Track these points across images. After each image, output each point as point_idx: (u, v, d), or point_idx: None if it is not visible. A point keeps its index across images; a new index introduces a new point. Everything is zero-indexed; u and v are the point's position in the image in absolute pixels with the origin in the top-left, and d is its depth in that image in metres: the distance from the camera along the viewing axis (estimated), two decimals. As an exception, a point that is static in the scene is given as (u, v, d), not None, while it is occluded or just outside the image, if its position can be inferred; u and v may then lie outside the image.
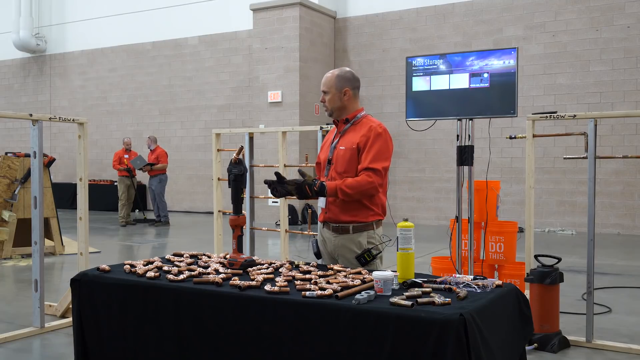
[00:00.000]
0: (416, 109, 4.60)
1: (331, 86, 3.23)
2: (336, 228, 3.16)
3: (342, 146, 3.16)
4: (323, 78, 3.28)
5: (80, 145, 4.78)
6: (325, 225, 3.23)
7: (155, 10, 15.38)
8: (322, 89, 3.26)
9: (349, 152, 3.12)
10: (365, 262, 3.06)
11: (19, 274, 6.99)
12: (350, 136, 3.18)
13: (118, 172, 12.17)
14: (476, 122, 4.61)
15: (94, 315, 2.80)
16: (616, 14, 10.77)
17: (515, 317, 2.55)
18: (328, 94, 3.24)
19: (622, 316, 5.06)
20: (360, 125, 3.20)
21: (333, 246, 3.19)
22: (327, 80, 3.25)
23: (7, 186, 7.94)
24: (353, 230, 3.12)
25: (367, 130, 3.13)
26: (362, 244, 3.11)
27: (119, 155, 12.22)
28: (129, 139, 12.74)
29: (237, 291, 2.49)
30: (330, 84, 3.23)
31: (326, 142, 3.34)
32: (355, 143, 3.12)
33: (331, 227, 3.18)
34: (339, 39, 13.46)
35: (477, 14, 11.94)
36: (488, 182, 5.07)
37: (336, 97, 3.22)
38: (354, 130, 3.20)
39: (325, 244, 3.25)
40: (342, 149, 3.15)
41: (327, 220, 3.21)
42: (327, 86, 3.24)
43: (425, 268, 5.64)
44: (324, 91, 3.25)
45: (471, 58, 4.42)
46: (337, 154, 3.17)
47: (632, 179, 10.65)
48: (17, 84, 18.04)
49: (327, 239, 3.23)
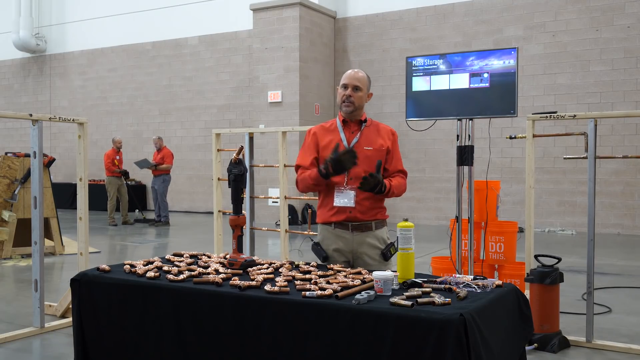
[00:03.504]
0: (416, 109, 4.60)
1: (364, 85, 3.23)
2: (358, 226, 3.17)
3: (369, 147, 3.18)
4: (351, 74, 3.21)
5: (80, 145, 4.78)
6: (340, 226, 3.18)
7: (155, 10, 15.38)
8: (353, 84, 3.18)
9: (379, 153, 3.18)
10: (390, 256, 3.15)
11: (19, 274, 6.99)
12: (374, 138, 3.22)
13: (107, 172, 12.06)
14: (476, 122, 4.61)
15: (94, 315, 2.80)
16: (616, 14, 10.77)
17: (515, 317, 2.55)
18: (359, 91, 3.20)
19: (622, 316, 5.06)
20: (375, 127, 3.27)
21: (354, 244, 3.17)
22: (360, 78, 3.21)
23: (7, 186, 7.94)
24: (375, 227, 3.20)
25: (390, 134, 3.28)
26: (385, 239, 3.21)
27: (111, 157, 12.08)
28: (120, 138, 12.64)
29: (237, 291, 2.49)
30: (364, 82, 3.23)
31: (331, 142, 3.19)
32: (384, 145, 3.21)
33: (351, 226, 3.16)
34: (339, 39, 13.46)
35: (477, 14, 11.94)
36: (488, 182, 5.07)
37: (364, 96, 3.24)
38: (371, 132, 3.24)
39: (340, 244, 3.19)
40: (370, 150, 3.17)
41: (348, 220, 3.16)
42: (361, 83, 3.20)
43: (425, 268, 5.64)
44: (356, 87, 3.18)
45: (471, 58, 4.42)
46: (361, 154, 3.08)
47: (632, 179, 10.65)
48: (17, 84, 18.04)
49: (343, 238, 3.18)
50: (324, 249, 3.22)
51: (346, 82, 3.21)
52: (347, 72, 3.25)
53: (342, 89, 3.22)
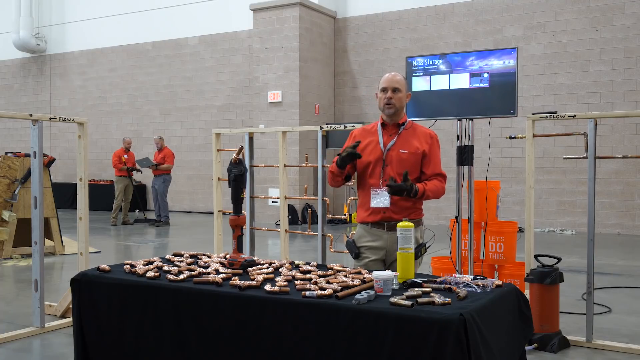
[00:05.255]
0: (416, 109, 4.60)
1: (403, 86, 3.31)
2: (393, 226, 3.20)
3: (404, 150, 3.26)
4: (389, 77, 3.30)
5: (80, 145, 4.78)
6: (376, 225, 3.28)
7: (155, 10, 15.38)
8: (393, 86, 3.27)
9: (414, 156, 3.27)
10: (420, 256, 3.21)
11: (19, 274, 6.99)
12: (410, 141, 3.29)
13: (116, 172, 12.16)
14: (476, 122, 4.61)
15: (94, 315, 2.80)
16: (616, 14, 10.77)
17: (515, 317, 2.55)
18: (399, 93, 3.28)
19: (622, 316, 5.06)
20: (414, 130, 3.34)
21: (389, 242, 3.25)
22: (398, 80, 3.30)
23: (7, 186, 7.94)
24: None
25: (429, 137, 3.34)
26: (417, 238, 3.26)
27: (119, 155, 12.21)
28: (130, 138, 12.74)
29: (237, 291, 2.49)
30: (402, 83, 3.31)
31: (369, 144, 3.32)
32: (420, 149, 3.28)
33: (386, 225, 3.25)
34: (339, 39, 13.46)
35: (477, 14, 11.94)
36: (488, 182, 5.07)
37: (404, 97, 3.32)
38: (409, 135, 3.32)
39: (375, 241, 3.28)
40: (405, 153, 3.26)
41: (384, 220, 3.26)
42: (399, 84, 3.29)
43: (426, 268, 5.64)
44: (395, 89, 3.27)
45: (471, 58, 4.42)
46: (396, 157, 3.26)
47: (632, 179, 10.65)
48: (17, 84, 18.04)
49: (378, 236, 3.28)
50: (357, 247, 3.34)
51: (385, 86, 3.29)
52: (385, 76, 3.34)
53: (382, 93, 3.30)
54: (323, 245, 5.28)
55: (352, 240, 3.36)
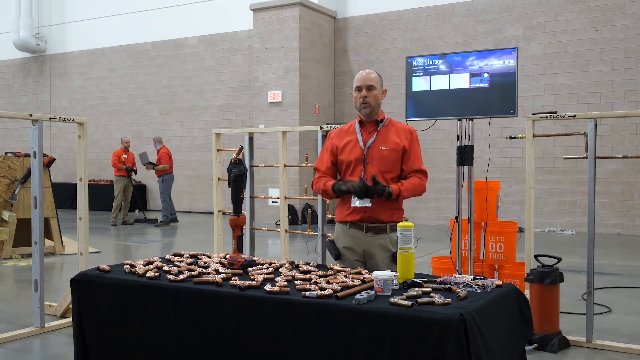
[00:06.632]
0: (416, 109, 4.60)
1: (377, 83, 3.26)
2: (372, 228, 3.19)
3: (384, 146, 3.21)
4: (362, 75, 3.25)
5: (80, 145, 4.78)
6: (354, 226, 3.23)
7: (155, 10, 15.37)
8: (367, 84, 3.22)
9: (394, 153, 3.21)
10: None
11: (19, 274, 6.99)
12: (390, 137, 3.23)
13: (115, 172, 12.15)
14: (476, 122, 4.61)
15: (94, 315, 2.80)
16: (616, 14, 10.76)
17: (515, 317, 2.55)
18: (374, 90, 3.23)
19: (622, 316, 5.06)
20: (393, 127, 3.29)
21: (367, 245, 3.21)
22: (372, 77, 3.25)
23: (7, 186, 7.94)
24: (390, 229, 3.20)
25: (408, 133, 3.28)
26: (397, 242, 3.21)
27: (118, 155, 12.21)
28: (128, 138, 12.74)
29: (237, 291, 2.49)
30: (376, 80, 3.26)
31: (348, 143, 3.28)
32: (400, 144, 3.22)
33: (365, 227, 3.20)
34: (339, 39, 13.46)
35: (477, 14, 11.94)
36: (488, 182, 5.07)
37: (379, 94, 3.27)
38: (389, 131, 3.26)
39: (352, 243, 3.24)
40: (386, 149, 3.20)
41: (363, 221, 3.20)
42: (373, 82, 3.24)
43: (425, 268, 5.64)
44: (370, 86, 3.22)
45: (471, 58, 4.41)
46: (376, 154, 3.20)
47: (632, 179, 10.65)
48: (17, 84, 18.04)
49: (356, 238, 3.23)
50: (337, 247, 3.29)
51: (359, 84, 3.25)
52: (358, 75, 3.28)
53: (357, 92, 3.26)
54: (323, 245, 5.28)
55: (331, 241, 3.32)
